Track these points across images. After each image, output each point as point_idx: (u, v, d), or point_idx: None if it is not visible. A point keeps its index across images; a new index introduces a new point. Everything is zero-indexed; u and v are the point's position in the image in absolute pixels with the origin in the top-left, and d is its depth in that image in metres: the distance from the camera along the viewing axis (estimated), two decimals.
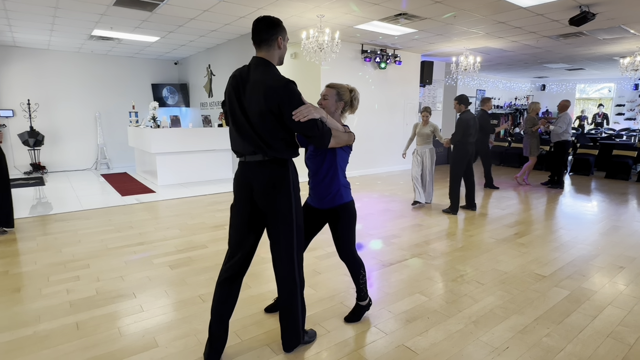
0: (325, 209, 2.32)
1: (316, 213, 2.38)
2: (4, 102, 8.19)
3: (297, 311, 2.05)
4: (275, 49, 1.95)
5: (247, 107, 1.91)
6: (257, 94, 1.87)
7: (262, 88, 1.86)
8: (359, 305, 2.49)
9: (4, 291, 2.87)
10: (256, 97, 1.87)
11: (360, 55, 8.01)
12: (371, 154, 8.61)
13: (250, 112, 1.90)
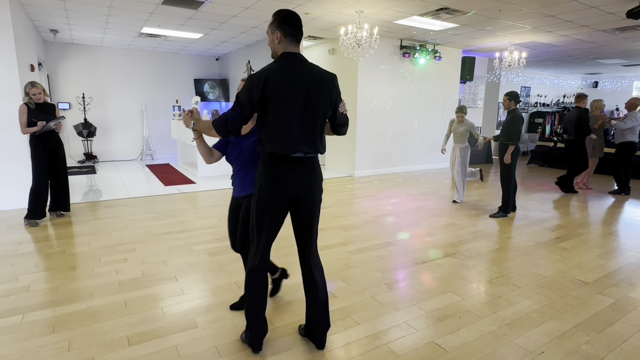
0: (245, 195, 2.29)
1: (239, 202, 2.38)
2: (62, 95, 8.82)
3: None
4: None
5: (315, 103, 1.93)
6: (323, 89, 1.96)
7: (327, 83, 1.97)
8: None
9: (62, 269, 3.14)
10: (323, 92, 1.96)
11: (399, 50, 7.91)
12: (407, 151, 8.50)
13: (316, 108, 1.93)
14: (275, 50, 1.98)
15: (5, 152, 4.74)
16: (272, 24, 1.96)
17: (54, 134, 4.34)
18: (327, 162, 8.59)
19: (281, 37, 1.94)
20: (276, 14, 1.97)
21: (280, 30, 1.93)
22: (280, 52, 1.96)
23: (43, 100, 4.25)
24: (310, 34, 7.34)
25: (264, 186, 1.97)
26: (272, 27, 1.95)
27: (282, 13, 1.96)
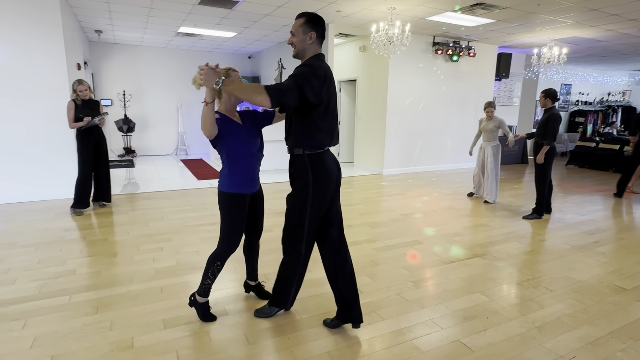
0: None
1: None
2: (105, 92, 9.31)
3: None
4: None
5: (336, 101, 2.16)
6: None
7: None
8: (194, 299, 2.36)
9: (104, 255, 3.35)
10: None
11: (432, 47, 7.77)
12: (437, 149, 8.36)
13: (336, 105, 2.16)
14: (305, 49, 2.05)
15: (53, 146, 5.08)
16: (305, 24, 2.03)
17: (97, 128, 4.61)
18: (355, 160, 8.59)
19: (315, 38, 2.04)
20: (307, 15, 2.05)
21: (315, 31, 2.03)
22: (313, 51, 2.06)
23: (89, 97, 4.52)
24: (341, 32, 7.36)
25: (321, 180, 2.10)
26: (305, 28, 2.02)
27: (313, 15, 2.05)
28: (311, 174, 2.08)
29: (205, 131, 2.06)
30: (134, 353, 2.03)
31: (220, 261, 2.27)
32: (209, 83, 1.91)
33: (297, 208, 2.14)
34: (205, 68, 1.91)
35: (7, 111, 4.82)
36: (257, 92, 1.87)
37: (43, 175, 5.09)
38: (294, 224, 2.17)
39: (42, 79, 4.92)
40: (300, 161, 2.10)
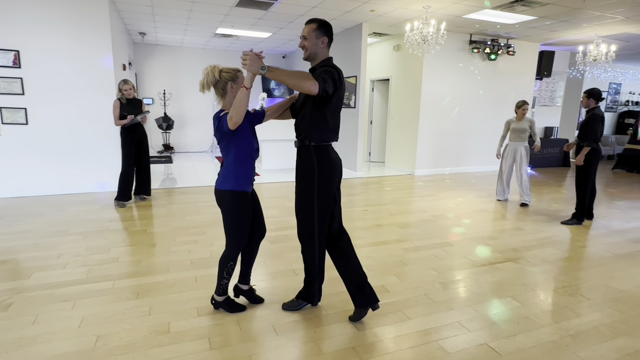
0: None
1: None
2: (147, 91, 9.78)
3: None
4: None
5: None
6: None
7: None
8: (215, 301, 2.43)
9: (144, 246, 3.56)
10: None
11: (468, 46, 7.59)
12: (472, 150, 8.14)
13: None
14: (317, 52, 2.20)
15: (100, 142, 5.42)
16: (317, 29, 2.16)
17: (139, 126, 4.88)
18: (387, 160, 8.53)
19: (326, 43, 2.20)
20: (319, 21, 2.18)
21: (327, 37, 2.19)
22: (324, 55, 2.22)
23: (132, 96, 4.79)
24: (375, 31, 7.34)
25: (325, 169, 2.22)
26: (318, 33, 2.16)
27: (324, 21, 2.19)
28: (316, 163, 2.21)
29: (238, 117, 2.03)
30: (170, 337, 2.16)
31: (233, 261, 2.31)
32: (254, 68, 1.95)
33: (305, 200, 2.26)
34: (251, 54, 1.95)
35: (61, 109, 5.19)
36: (306, 78, 1.98)
37: (91, 169, 5.44)
38: (304, 217, 2.29)
39: (91, 79, 5.27)
40: (307, 151, 2.24)
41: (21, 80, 4.97)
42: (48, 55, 5.03)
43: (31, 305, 2.46)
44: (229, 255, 2.30)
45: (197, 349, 2.05)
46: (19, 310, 2.41)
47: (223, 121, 2.15)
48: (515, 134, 5.36)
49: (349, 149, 7.56)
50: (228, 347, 2.08)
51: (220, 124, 2.17)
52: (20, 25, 4.85)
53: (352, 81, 7.21)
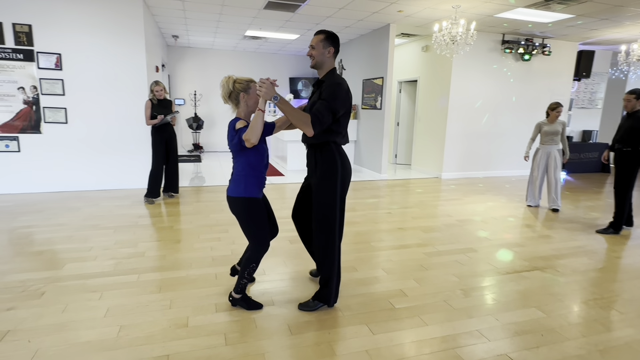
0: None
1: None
2: (179, 92, 10.11)
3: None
4: None
5: None
6: None
7: None
8: (232, 299, 2.51)
9: (169, 241, 3.68)
10: None
11: (500, 46, 7.35)
12: (502, 154, 7.88)
13: None
14: (323, 61, 2.39)
15: (131, 141, 5.65)
16: (325, 40, 2.36)
17: (169, 125, 5.05)
18: (413, 162, 8.40)
19: (332, 53, 2.39)
20: (327, 32, 2.38)
21: (333, 47, 2.38)
22: (330, 65, 2.41)
23: (163, 97, 4.96)
24: (403, 32, 7.25)
25: (345, 170, 2.42)
26: (325, 43, 2.36)
27: (332, 33, 2.39)
28: (339, 161, 2.39)
29: (255, 139, 2.18)
30: (188, 331, 2.22)
31: (255, 262, 2.41)
32: (268, 96, 2.16)
33: (327, 197, 2.37)
34: (267, 82, 2.16)
35: (97, 109, 5.46)
36: (305, 123, 2.23)
37: (124, 166, 5.69)
38: (325, 213, 2.38)
39: (125, 80, 5.51)
40: (330, 150, 2.38)
41: (62, 82, 5.26)
42: (86, 58, 5.30)
43: (62, 295, 2.60)
44: (252, 257, 2.40)
45: (213, 344, 2.10)
46: (51, 298, 2.55)
47: (239, 136, 2.26)
48: (548, 136, 5.14)
49: (374, 150, 7.50)
50: (242, 344, 2.11)
51: (236, 139, 2.28)
52: (62, 30, 5.15)
53: (379, 82, 7.16)
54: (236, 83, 2.33)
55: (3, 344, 2.06)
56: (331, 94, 2.28)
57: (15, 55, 5.04)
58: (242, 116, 2.37)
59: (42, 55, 5.13)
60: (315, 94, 2.44)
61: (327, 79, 2.38)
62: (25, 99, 5.19)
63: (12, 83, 5.10)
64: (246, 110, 2.37)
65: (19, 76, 5.10)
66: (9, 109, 5.15)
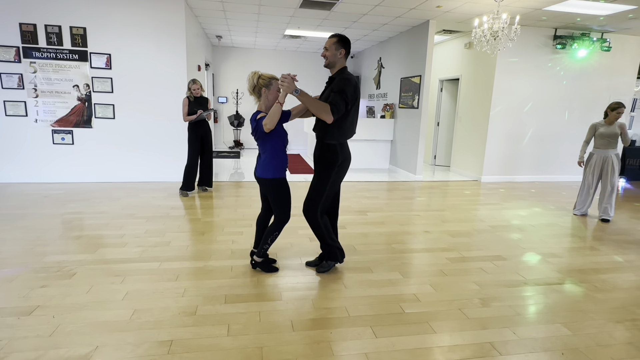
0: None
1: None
2: (222, 91, 10.49)
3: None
4: None
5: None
6: None
7: None
8: (255, 262, 2.96)
9: (194, 233, 3.83)
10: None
11: (552, 41, 6.84)
12: (550, 157, 7.34)
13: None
14: (335, 62, 2.67)
15: (170, 136, 5.95)
16: (337, 43, 2.64)
17: (204, 122, 5.25)
18: (452, 164, 8.07)
19: (343, 54, 2.66)
20: (339, 36, 2.65)
21: (344, 49, 2.66)
22: (341, 64, 2.68)
23: (200, 94, 5.17)
24: (444, 28, 6.98)
25: (344, 163, 2.79)
26: (337, 45, 2.63)
27: (343, 36, 2.67)
28: (340, 159, 2.73)
29: (272, 125, 2.53)
30: (194, 319, 2.30)
31: (278, 231, 2.83)
32: (289, 89, 2.48)
33: (321, 184, 2.76)
34: (288, 77, 2.48)
35: (141, 106, 5.81)
36: (325, 111, 2.54)
37: (163, 160, 6.01)
38: (313, 196, 2.78)
39: (167, 78, 5.81)
40: (332, 149, 2.71)
41: (111, 80, 5.66)
42: (133, 58, 5.66)
43: (90, 277, 2.80)
44: (276, 227, 2.81)
45: (215, 334, 2.15)
46: (79, 279, 2.76)
47: (259, 125, 2.61)
48: (604, 140, 4.69)
49: (409, 150, 7.31)
50: (244, 336, 2.14)
51: (258, 127, 2.64)
52: (112, 31, 5.53)
53: (416, 81, 6.95)
54: (260, 78, 2.63)
55: (31, 317, 2.26)
56: (341, 87, 2.57)
57: (71, 56, 5.50)
58: (262, 109, 2.69)
59: (95, 55, 5.55)
60: (327, 90, 2.72)
61: (337, 76, 2.67)
62: (79, 96, 5.64)
63: (68, 81, 5.57)
64: (267, 103, 2.67)
65: (74, 75, 5.56)
66: (65, 105, 5.63)
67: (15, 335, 2.08)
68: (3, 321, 2.21)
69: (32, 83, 5.49)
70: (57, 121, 5.65)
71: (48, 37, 5.39)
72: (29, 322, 2.21)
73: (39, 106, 5.57)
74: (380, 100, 8.82)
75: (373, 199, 5.46)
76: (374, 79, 9.31)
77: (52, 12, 5.34)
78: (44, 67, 5.46)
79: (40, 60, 5.44)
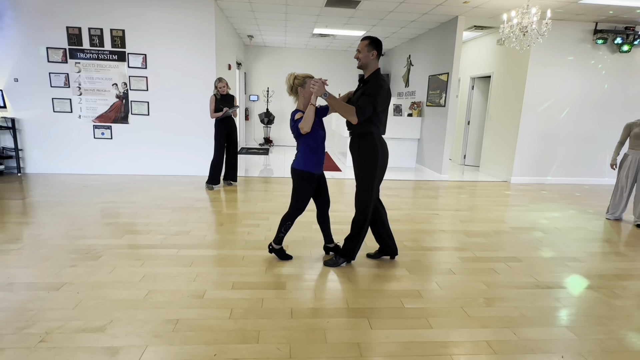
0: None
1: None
2: (254, 89, 10.78)
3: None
4: None
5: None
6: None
7: None
8: (272, 248, 3.14)
9: (214, 224, 4.02)
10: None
11: (592, 36, 6.47)
12: (587, 159, 6.95)
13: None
14: (367, 63, 2.80)
15: (197, 132, 6.23)
16: (369, 45, 2.77)
17: (230, 119, 5.46)
18: (482, 164, 7.85)
19: (375, 56, 2.79)
20: (371, 38, 2.79)
21: (376, 51, 2.79)
22: (374, 66, 2.81)
23: (226, 92, 5.39)
24: (475, 24, 6.80)
25: (383, 154, 2.87)
26: (369, 47, 2.77)
27: (375, 38, 2.79)
28: (380, 149, 2.82)
29: (307, 128, 2.75)
30: (201, 302, 2.45)
31: (291, 221, 2.99)
32: (319, 92, 2.67)
33: (368, 178, 2.83)
34: (319, 81, 2.68)
35: (173, 103, 6.13)
36: (350, 113, 2.71)
37: (192, 154, 6.31)
38: (364, 187, 2.86)
39: (197, 77, 6.09)
40: (371, 140, 2.81)
41: (146, 79, 6.02)
42: (166, 57, 5.98)
43: (114, 259, 3.04)
44: (290, 216, 2.98)
45: (218, 316, 2.29)
46: (105, 261, 3.00)
47: (297, 125, 2.81)
48: (638, 140, 4.44)
49: (435, 149, 7.19)
50: (243, 320, 2.27)
51: (295, 126, 2.84)
52: (148, 33, 5.88)
53: (444, 78, 6.82)
54: (295, 79, 2.83)
55: (59, 292, 2.51)
56: (373, 92, 2.72)
57: (111, 56, 5.90)
58: (300, 107, 2.86)
59: (132, 55, 5.93)
60: (360, 90, 2.86)
61: (371, 79, 2.79)
62: (118, 93, 6.05)
63: (108, 80, 5.98)
64: (303, 101, 2.85)
65: (113, 74, 5.97)
66: (104, 102, 6.06)
67: (43, 307, 2.32)
68: (36, 294, 2.47)
69: (77, 82, 5.95)
70: (98, 117, 6.09)
71: (91, 39, 5.82)
72: (57, 296, 2.46)
73: (82, 103, 6.03)
74: (409, 98, 8.71)
75: (393, 197, 5.45)
76: (403, 76, 9.21)
77: (95, 16, 5.76)
78: (87, 67, 5.91)
79: (84, 61, 5.88)
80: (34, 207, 4.40)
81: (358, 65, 2.84)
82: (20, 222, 3.88)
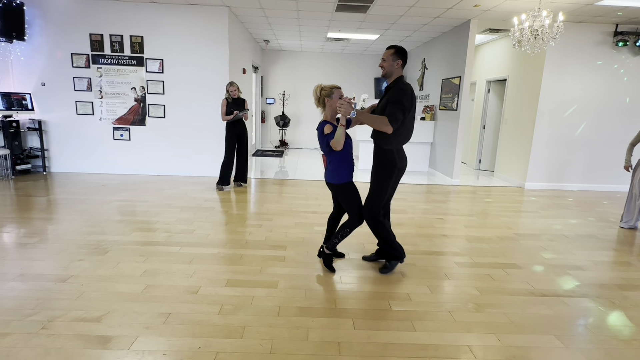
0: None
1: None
2: (270, 93, 10.96)
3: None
4: None
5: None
6: None
7: None
8: (322, 251, 3.15)
9: (218, 223, 4.16)
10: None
11: (612, 38, 6.27)
12: (608, 165, 6.71)
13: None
14: (392, 71, 2.85)
15: (210, 134, 6.41)
16: (394, 54, 2.82)
17: (241, 122, 5.61)
18: (496, 169, 7.70)
19: (400, 65, 2.84)
20: (396, 47, 2.83)
21: (401, 60, 2.84)
22: (398, 74, 2.86)
23: (237, 96, 5.54)
24: (489, 27, 6.71)
25: (402, 168, 2.95)
26: (394, 56, 2.82)
27: (400, 47, 2.84)
28: (398, 163, 2.88)
29: (339, 147, 2.76)
30: (195, 297, 2.56)
31: (350, 229, 2.98)
32: (347, 113, 2.67)
33: (381, 185, 2.90)
34: (346, 102, 2.66)
35: (187, 106, 6.35)
36: (384, 123, 2.70)
37: (204, 156, 6.50)
38: (375, 196, 2.91)
39: (211, 81, 6.28)
40: (390, 154, 2.87)
41: (162, 83, 6.27)
42: (182, 62, 6.21)
43: (120, 255, 3.21)
44: (350, 225, 2.97)
45: (208, 311, 2.39)
46: (111, 256, 3.17)
47: (327, 142, 2.83)
48: None
49: (447, 153, 7.12)
50: (231, 316, 2.36)
51: (325, 141, 2.84)
52: (165, 38, 6.12)
53: (456, 82, 6.76)
54: (322, 90, 2.89)
55: (65, 284, 2.68)
56: (397, 97, 2.74)
57: (130, 61, 6.18)
58: (328, 117, 2.89)
59: (150, 60, 6.19)
60: (384, 98, 2.87)
61: (394, 85, 2.83)
62: (136, 97, 6.32)
63: (127, 84, 6.26)
64: (330, 111, 2.88)
65: (132, 78, 6.24)
66: (123, 105, 6.34)
67: (49, 297, 2.49)
68: (43, 285, 2.65)
69: (98, 86, 6.26)
70: (117, 119, 6.38)
71: (112, 45, 6.12)
72: (62, 287, 2.63)
73: (103, 106, 6.33)
74: (422, 102, 8.67)
75: (400, 201, 5.44)
76: (418, 80, 9.16)
77: (116, 23, 6.05)
78: (108, 71, 6.21)
79: (105, 66, 6.18)
80: (55, 204, 4.67)
81: (382, 74, 2.89)
82: (42, 217, 4.13)
